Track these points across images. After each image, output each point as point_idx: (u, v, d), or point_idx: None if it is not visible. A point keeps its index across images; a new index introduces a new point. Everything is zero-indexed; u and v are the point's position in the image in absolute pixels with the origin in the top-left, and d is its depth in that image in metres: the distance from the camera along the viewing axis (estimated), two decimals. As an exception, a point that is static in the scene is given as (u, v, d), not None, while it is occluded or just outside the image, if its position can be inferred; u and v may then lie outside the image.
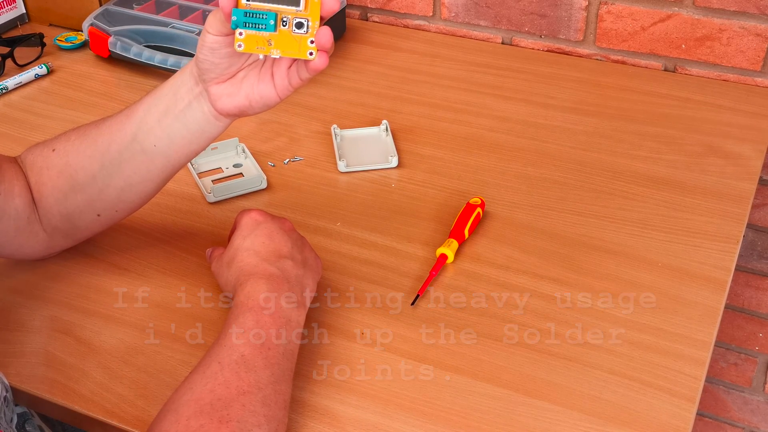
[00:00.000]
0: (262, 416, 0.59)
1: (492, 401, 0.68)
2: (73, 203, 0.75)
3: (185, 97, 0.69)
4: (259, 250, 0.70)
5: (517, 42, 1.22)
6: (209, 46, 0.65)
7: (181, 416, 0.57)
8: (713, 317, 0.75)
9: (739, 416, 1.41)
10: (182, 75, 0.70)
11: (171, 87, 0.71)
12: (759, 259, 1.22)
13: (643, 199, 0.89)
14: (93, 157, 0.73)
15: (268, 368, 0.62)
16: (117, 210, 0.77)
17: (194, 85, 0.69)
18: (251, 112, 0.69)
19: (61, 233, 0.78)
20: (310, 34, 0.63)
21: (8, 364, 0.72)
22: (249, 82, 0.68)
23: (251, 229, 0.72)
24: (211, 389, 0.59)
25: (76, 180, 0.74)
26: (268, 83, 0.67)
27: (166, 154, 0.72)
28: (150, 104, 0.71)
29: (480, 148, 0.98)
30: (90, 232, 0.80)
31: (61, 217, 0.76)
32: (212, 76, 0.67)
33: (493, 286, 0.79)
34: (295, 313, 0.67)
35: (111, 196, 0.75)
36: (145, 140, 0.71)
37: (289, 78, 0.67)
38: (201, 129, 0.71)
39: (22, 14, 1.29)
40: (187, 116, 0.70)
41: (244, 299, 0.66)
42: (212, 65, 0.66)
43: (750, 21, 1.06)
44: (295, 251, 0.71)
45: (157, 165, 0.73)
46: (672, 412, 0.66)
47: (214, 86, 0.68)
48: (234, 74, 0.68)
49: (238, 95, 0.68)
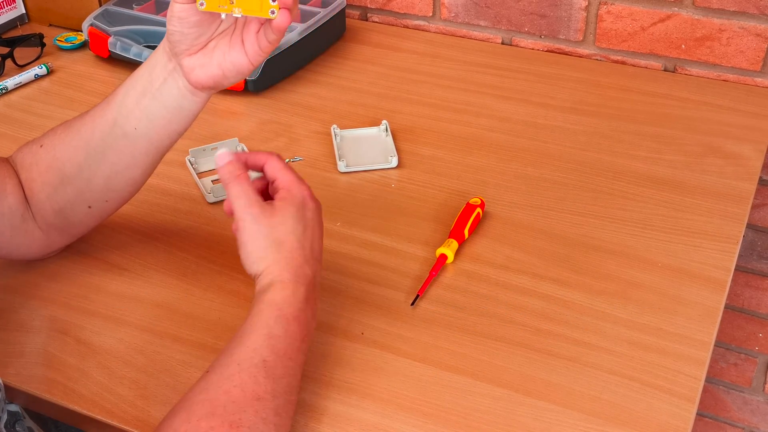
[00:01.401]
0: (273, 425, 0.58)
1: (492, 401, 0.68)
2: (63, 197, 0.75)
3: (160, 75, 0.70)
4: (306, 246, 0.66)
5: (517, 42, 1.22)
6: (177, 15, 0.66)
7: (192, 415, 0.57)
8: (713, 317, 0.75)
9: (739, 416, 1.41)
10: (156, 54, 0.71)
11: (147, 68, 0.71)
12: (759, 259, 1.22)
13: (643, 199, 0.89)
14: (78, 147, 0.73)
15: (285, 378, 0.61)
16: (107, 200, 0.76)
17: (167, 62, 0.70)
18: (226, 82, 0.69)
19: (56, 229, 0.78)
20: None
21: (8, 364, 0.72)
22: (220, 50, 0.68)
23: (310, 214, 0.67)
24: (226, 390, 0.58)
25: (64, 173, 0.74)
26: (239, 50, 0.68)
27: (148, 135, 0.72)
28: (128, 87, 0.72)
29: (480, 148, 0.98)
30: (85, 227, 0.80)
31: (53, 213, 0.76)
32: (183, 47, 0.68)
33: (493, 286, 0.79)
34: (313, 323, 0.66)
35: (99, 185, 0.75)
36: (125, 124, 0.71)
37: (258, 42, 0.67)
38: (179, 105, 0.71)
39: (22, 14, 1.29)
40: (164, 94, 0.70)
41: (280, 302, 0.63)
42: (182, 36, 0.67)
43: (750, 21, 1.06)
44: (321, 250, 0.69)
45: (140, 148, 0.73)
46: (672, 412, 0.66)
47: (186, 58, 0.68)
48: (205, 44, 0.68)
49: (210, 65, 0.68)
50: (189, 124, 0.73)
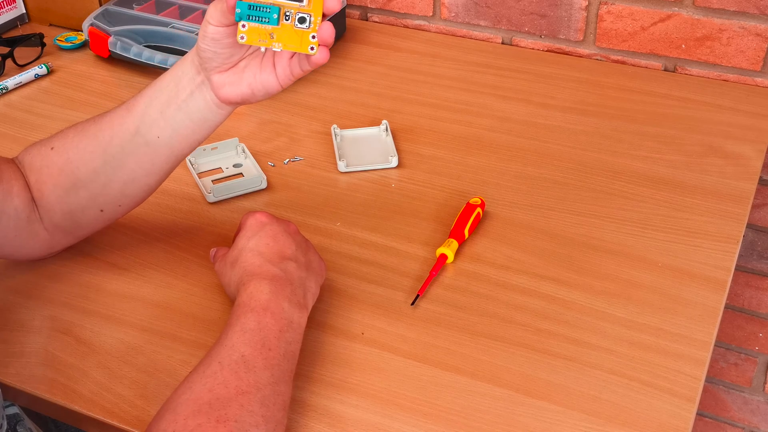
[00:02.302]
0: (260, 416, 0.59)
1: (492, 401, 0.68)
2: (75, 200, 0.75)
3: (187, 87, 0.70)
4: (264, 251, 0.70)
5: (517, 42, 1.22)
6: (211, 36, 0.65)
7: (179, 415, 0.57)
8: (713, 317, 0.75)
9: (739, 416, 1.41)
10: (183, 65, 0.71)
11: (172, 78, 0.71)
12: (759, 259, 1.22)
13: (643, 199, 0.89)
14: (95, 152, 0.73)
15: (268, 369, 0.62)
16: (120, 204, 0.77)
17: (196, 75, 0.69)
18: (253, 100, 0.70)
19: (62, 231, 0.78)
20: (312, 29, 0.64)
21: (8, 364, 0.72)
22: (251, 71, 0.68)
23: (256, 231, 0.72)
24: (209, 388, 0.59)
25: (78, 176, 0.74)
26: (270, 73, 0.68)
27: (170, 144, 0.72)
28: (151, 96, 0.72)
29: (480, 148, 0.98)
30: (92, 229, 0.80)
31: (63, 215, 0.76)
32: (214, 65, 0.68)
33: (493, 286, 0.79)
34: (297, 315, 0.67)
35: (114, 190, 0.75)
36: (148, 132, 0.72)
37: (291, 68, 0.68)
38: (204, 117, 0.71)
39: (22, 14, 1.29)
40: (190, 106, 0.70)
41: (246, 299, 0.66)
42: (214, 54, 0.67)
43: (750, 21, 1.06)
44: (299, 254, 0.72)
45: (161, 156, 0.73)
46: (672, 412, 0.66)
47: (216, 75, 0.68)
48: (236, 63, 0.68)
49: (240, 84, 0.68)
50: (210, 134, 0.74)
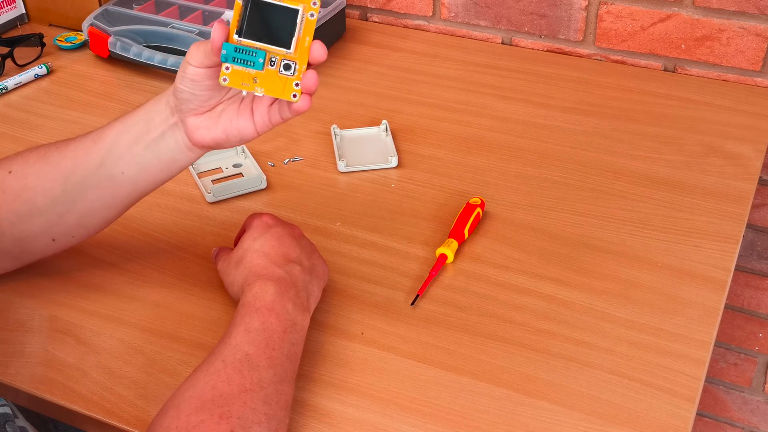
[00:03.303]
0: (263, 414, 0.59)
1: (492, 401, 0.68)
2: (28, 227, 0.73)
3: (159, 127, 0.68)
4: (269, 253, 0.70)
5: (516, 42, 1.22)
6: (190, 77, 0.64)
7: (181, 412, 0.58)
8: (713, 317, 0.75)
9: (739, 416, 1.41)
10: (157, 104, 0.69)
11: (144, 115, 0.69)
12: (759, 259, 1.22)
13: (643, 199, 0.89)
14: (55, 180, 0.71)
15: (271, 368, 0.62)
16: (74, 235, 0.75)
17: (170, 115, 0.68)
18: (227, 145, 0.68)
19: (10, 257, 0.76)
20: (296, 77, 0.63)
21: (8, 363, 0.72)
22: (227, 116, 0.67)
23: (262, 232, 0.72)
24: (213, 386, 0.59)
25: (35, 204, 0.71)
26: (247, 119, 0.67)
27: (134, 181, 0.71)
28: (120, 130, 0.69)
29: (480, 148, 0.98)
30: (40, 256, 0.77)
31: (13, 241, 0.74)
32: (191, 107, 0.66)
33: (493, 286, 0.79)
34: (300, 318, 0.67)
35: (71, 220, 0.73)
36: (113, 167, 0.70)
37: (269, 116, 0.66)
38: (173, 158, 0.69)
39: (22, 14, 1.29)
40: (160, 146, 0.69)
41: (251, 300, 0.66)
42: (192, 96, 0.65)
43: (750, 21, 1.06)
44: (304, 257, 0.72)
45: (124, 191, 0.71)
46: (672, 412, 0.66)
47: (192, 118, 0.67)
48: (213, 107, 0.67)
49: (215, 128, 0.67)
50: (176, 175, 0.72)
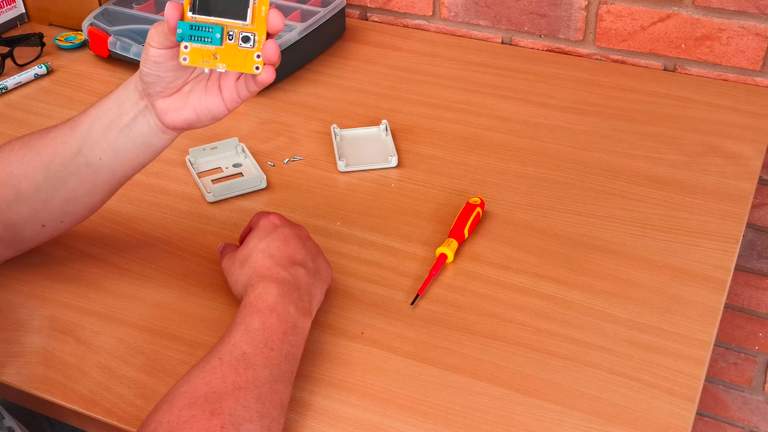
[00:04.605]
0: (255, 412, 0.59)
1: (492, 401, 0.68)
2: (17, 213, 0.74)
3: (130, 112, 0.68)
4: (274, 254, 0.70)
5: (516, 42, 1.22)
6: (153, 59, 0.64)
7: (174, 407, 0.58)
8: (713, 317, 0.75)
9: (739, 416, 1.41)
10: (126, 89, 0.69)
11: (115, 101, 0.69)
12: (759, 259, 1.22)
13: (643, 199, 0.89)
14: (37, 168, 0.72)
15: (267, 368, 0.62)
16: (62, 221, 0.76)
17: (139, 99, 0.68)
18: (199, 125, 0.68)
19: (4, 243, 0.77)
20: (256, 49, 0.63)
21: (8, 363, 0.72)
22: (196, 95, 0.67)
23: (268, 232, 0.72)
24: (207, 382, 0.59)
25: (20, 190, 0.73)
26: (215, 96, 0.66)
27: (112, 167, 0.71)
28: (94, 117, 0.70)
29: (480, 148, 0.98)
30: (34, 243, 0.79)
31: (4, 227, 0.75)
32: (157, 89, 0.66)
33: (493, 285, 0.79)
34: (301, 321, 0.67)
35: (56, 207, 0.73)
36: (90, 154, 0.70)
37: (237, 90, 0.66)
38: (147, 142, 0.70)
39: (22, 14, 1.29)
40: (133, 130, 0.69)
41: (253, 300, 0.66)
42: (157, 78, 0.65)
43: (750, 21, 1.06)
44: (309, 259, 0.72)
45: (103, 178, 0.72)
46: (672, 411, 0.66)
47: (160, 100, 0.67)
48: (180, 87, 0.67)
49: (185, 109, 0.67)
50: (155, 157, 0.72)
